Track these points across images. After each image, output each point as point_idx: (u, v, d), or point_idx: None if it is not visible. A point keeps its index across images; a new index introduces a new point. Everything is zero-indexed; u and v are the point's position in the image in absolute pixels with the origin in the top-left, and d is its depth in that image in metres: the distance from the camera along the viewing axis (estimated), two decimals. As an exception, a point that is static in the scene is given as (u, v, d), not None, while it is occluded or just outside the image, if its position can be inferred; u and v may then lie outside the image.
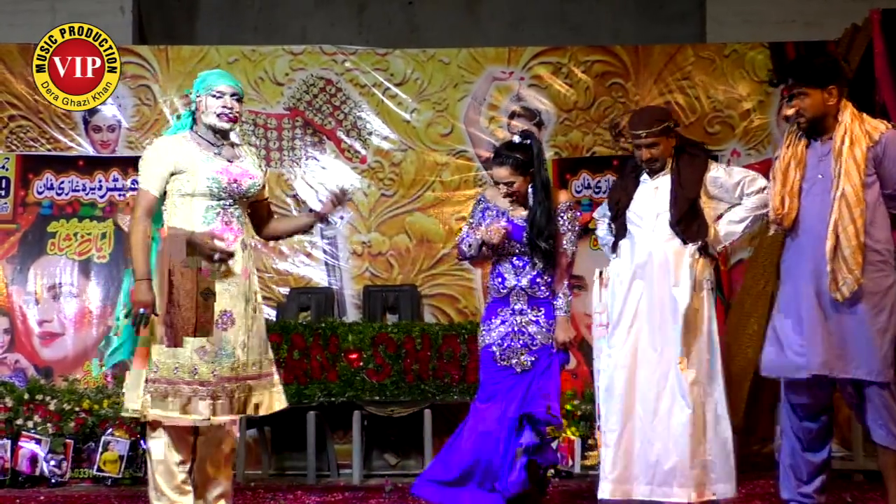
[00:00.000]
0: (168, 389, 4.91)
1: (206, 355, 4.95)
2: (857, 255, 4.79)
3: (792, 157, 5.03)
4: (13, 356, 8.22)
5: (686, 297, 5.22)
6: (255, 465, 7.88)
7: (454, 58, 8.74)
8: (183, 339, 4.93)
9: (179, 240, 4.90)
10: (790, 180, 5.00)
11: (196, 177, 5.02)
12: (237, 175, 5.10)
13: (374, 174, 8.63)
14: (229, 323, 5.01)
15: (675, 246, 5.28)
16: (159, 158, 5.06)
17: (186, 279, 4.94)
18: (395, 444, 7.99)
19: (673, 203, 5.30)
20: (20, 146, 8.52)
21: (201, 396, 4.93)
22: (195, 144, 5.11)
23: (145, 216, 4.99)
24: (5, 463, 7.33)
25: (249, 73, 8.58)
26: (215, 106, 5.12)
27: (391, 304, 8.32)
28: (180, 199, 5.04)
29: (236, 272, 5.06)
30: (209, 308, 4.97)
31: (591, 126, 8.67)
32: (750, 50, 8.69)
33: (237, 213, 5.12)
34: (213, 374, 4.94)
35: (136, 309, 4.86)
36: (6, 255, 8.37)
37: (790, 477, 5.13)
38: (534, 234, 5.46)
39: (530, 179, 5.54)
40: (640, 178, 5.47)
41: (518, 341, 5.48)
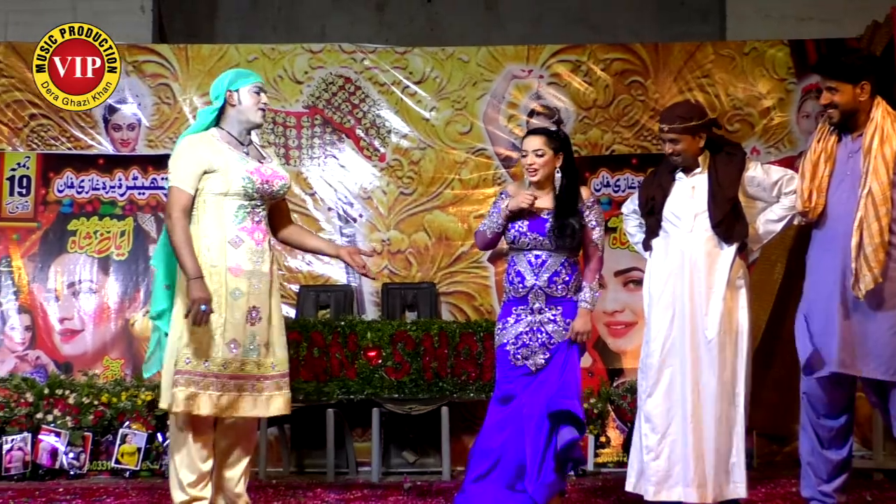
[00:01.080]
0: (198, 381, 4.94)
1: (238, 349, 4.99)
2: (879, 254, 4.77)
3: (822, 152, 5.02)
4: (34, 352, 8.26)
5: (722, 297, 5.22)
6: (276, 462, 7.89)
7: (473, 56, 8.74)
8: (213, 334, 4.98)
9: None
10: (819, 175, 5.00)
11: (230, 176, 5.06)
12: (269, 176, 5.16)
13: (393, 172, 8.64)
14: (257, 319, 5.06)
15: (711, 246, 5.28)
16: (192, 156, 5.09)
17: (215, 279, 5.00)
18: (414, 441, 7.98)
19: (712, 203, 5.29)
20: (41, 145, 8.55)
21: (230, 390, 4.97)
22: (226, 144, 5.14)
23: (183, 215, 5.02)
24: (26, 456, 7.39)
25: (269, 71, 8.60)
26: (256, 101, 5.20)
27: (410, 301, 8.33)
28: (212, 198, 5.08)
29: (264, 271, 5.10)
30: (239, 304, 5.01)
31: (610, 124, 8.65)
32: (770, 47, 8.66)
33: (263, 214, 5.18)
34: (241, 367, 4.99)
35: (196, 306, 4.88)
36: (27, 253, 8.41)
37: (810, 475, 5.11)
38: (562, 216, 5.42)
39: (559, 162, 5.51)
40: (675, 175, 5.45)
41: (535, 340, 5.43)
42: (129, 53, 8.63)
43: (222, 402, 4.98)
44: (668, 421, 5.27)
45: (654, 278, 5.44)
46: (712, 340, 5.20)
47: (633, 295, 8.28)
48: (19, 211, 8.46)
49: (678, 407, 5.26)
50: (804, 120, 8.54)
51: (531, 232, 5.44)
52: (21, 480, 7.30)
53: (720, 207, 5.27)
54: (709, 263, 5.27)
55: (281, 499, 6.40)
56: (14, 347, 8.27)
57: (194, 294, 4.89)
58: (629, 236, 5.80)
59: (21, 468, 7.37)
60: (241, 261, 5.05)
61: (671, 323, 5.30)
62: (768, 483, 6.64)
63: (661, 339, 5.31)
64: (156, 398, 7.49)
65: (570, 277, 5.46)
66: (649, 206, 5.46)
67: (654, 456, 5.26)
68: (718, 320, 5.20)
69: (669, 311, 5.30)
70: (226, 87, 5.21)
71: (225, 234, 5.06)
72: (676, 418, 5.26)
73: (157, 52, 8.71)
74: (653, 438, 5.28)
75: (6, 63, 8.57)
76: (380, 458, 7.57)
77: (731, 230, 5.28)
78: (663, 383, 5.28)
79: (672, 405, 5.27)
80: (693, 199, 5.34)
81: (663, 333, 5.31)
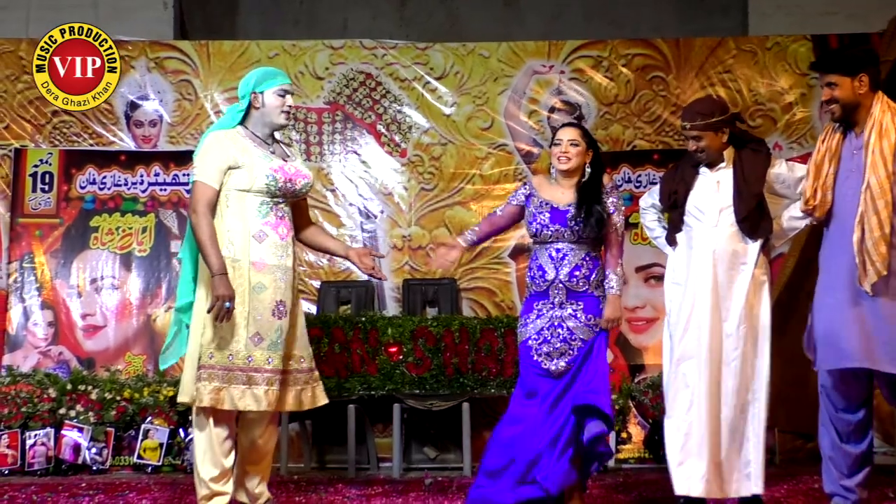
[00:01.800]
0: (222, 375, 4.97)
1: (262, 342, 5.02)
2: (881, 247, 4.80)
3: (826, 151, 5.06)
4: (57, 348, 8.29)
5: (745, 293, 5.22)
6: (297, 458, 7.90)
7: (494, 51, 8.73)
8: (237, 328, 5.00)
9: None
10: (823, 173, 5.03)
11: (253, 173, 5.11)
12: (292, 175, 5.20)
13: (414, 168, 8.64)
14: (284, 313, 5.10)
15: (736, 241, 5.28)
16: (218, 152, 5.14)
17: (238, 273, 5.03)
18: (435, 437, 7.98)
19: (738, 199, 5.28)
20: (63, 141, 8.59)
21: (257, 383, 5.01)
22: (250, 141, 5.18)
23: (207, 210, 5.07)
24: (49, 451, 7.42)
25: (290, 67, 8.60)
26: (281, 104, 5.23)
27: (430, 297, 8.33)
28: (235, 194, 5.13)
29: (288, 266, 5.14)
30: (262, 298, 5.04)
31: (631, 120, 8.63)
32: (792, 42, 8.63)
33: (287, 210, 5.22)
34: (268, 361, 5.02)
35: (219, 303, 4.94)
36: (50, 249, 8.45)
37: (832, 470, 5.10)
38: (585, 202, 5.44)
39: (589, 158, 5.54)
40: (698, 169, 5.44)
41: (556, 336, 5.42)
42: (150, 50, 8.66)
43: (247, 397, 5.01)
44: (692, 416, 5.26)
45: (677, 272, 5.43)
46: (732, 335, 5.20)
47: (654, 291, 8.26)
48: (42, 207, 8.49)
49: (700, 401, 5.24)
50: (827, 115, 8.46)
51: (553, 224, 5.44)
52: (44, 475, 7.34)
53: (746, 203, 5.26)
54: (732, 258, 5.26)
55: (302, 494, 6.41)
56: (37, 343, 8.31)
57: (218, 290, 4.94)
58: (648, 231, 5.79)
59: (44, 463, 7.41)
60: (265, 255, 5.09)
61: (696, 318, 5.28)
62: (791, 480, 6.62)
63: (686, 334, 5.29)
64: (178, 394, 7.53)
65: (591, 272, 5.45)
66: (672, 199, 5.46)
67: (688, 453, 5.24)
68: (740, 315, 5.20)
69: (696, 305, 5.28)
70: (251, 87, 5.25)
71: (249, 229, 5.10)
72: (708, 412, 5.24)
73: (178, 49, 8.74)
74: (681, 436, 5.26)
75: (29, 60, 8.59)
76: (401, 453, 7.58)
77: (756, 226, 5.28)
78: (691, 379, 5.26)
79: (693, 400, 5.26)
80: (718, 194, 5.33)
81: (692, 328, 5.29)
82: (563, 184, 5.54)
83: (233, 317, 4.99)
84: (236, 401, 5.00)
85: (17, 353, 8.25)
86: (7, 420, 7.47)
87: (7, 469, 7.37)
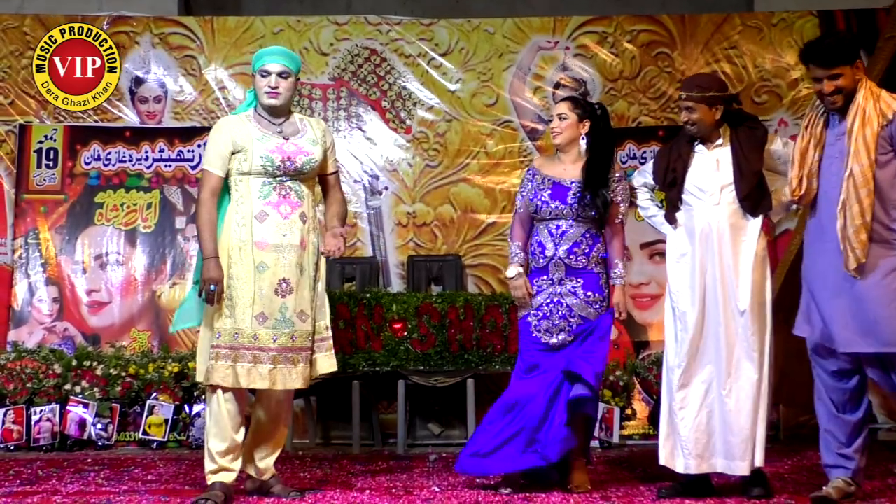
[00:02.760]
0: (230, 354, 5.05)
1: (267, 321, 5.08)
2: (861, 234, 4.84)
3: (811, 138, 5.07)
4: (62, 324, 8.31)
5: (751, 269, 5.23)
6: (302, 434, 7.92)
7: (499, 28, 8.71)
8: (242, 307, 5.09)
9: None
10: (808, 162, 5.05)
11: (250, 155, 5.21)
12: (291, 153, 5.24)
13: (419, 144, 8.63)
14: (287, 291, 5.14)
15: (737, 218, 5.29)
16: (221, 139, 5.27)
17: (244, 253, 5.13)
18: (439, 413, 8.00)
19: (739, 177, 5.28)
20: (68, 117, 8.58)
21: (262, 362, 5.08)
22: (255, 123, 5.30)
23: (210, 196, 5.20)
24: (54, 427, 7.45)
25: (294, 43, 8.59)
26: (263, 85, 5.30)
27: (435, 274, 8.34)
28: (239, 177, 5.25)
29: (293, 243, 5.17)
30: (266, 277, 5.09)
31: (636, 96, 8.62)
32: (798, 18, 8.60)
33: (295, 187, 5.27)
34: (273, 339, 5.09)
35: (206, 286, 5.08)
36: (55, 225, 8.46)
37: (829, 441, 5.11)
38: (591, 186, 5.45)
39: (584, 129, 5.56)
40: (694, 147, 5.44)
41: (556, 312, 5.47)
42: (155, 26, 8.65)
43: (254, 375, 5.09)
44: (702, 392, 5.27)
45: (679, 251, 5.43)
46: (745, 312, 5.21)
47: (658, 267, 8.26)
48: (47, 183, 8.50)
49: (713, 378, 5.26)
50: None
51: (553, 200, 5.47)
52: (50, 451, 7.36)
53: (747, 180, 5.27)
54: (735, 235, 5.27)
55: (307, 470, 6.43)
56: (42, 319, 8.32)
57: (206, 273, 5.09)
58: (642, 210, 5.77)
59: (50, 439, 7.43)
60: (267, 235, 5.16)
61: (703, 295, 5.28)
62: (794, 455, 6.63)
63: (694, 311, 5.30)
64: (183, 370, 7.57)
65: (590, 249, 5.49)
66: (670, 177, 5.44)
67: (692, 428, 5.26)
68: (750, 291, 5.21)
69: (700, 282, 5.29)
70: (253, 69, 5.36)
71: (251, 210, 5.18)
72: (711, 390, 5.26)
73: (183, 25, 8.72)
74: (689, 411, 5.28)
75: (33, 35, 8.59)
76: (405, 429, 7.60)
77: (757, 203, 5.29)
78: (696, 355, 5.27)
79: (706, 377, 5.27)
80: (719, 172, 5.33)
81: (697, 306, 5.29)
82: (564, 159, 5.60)
83: (239, 297, 5.09)
84: (241, 378, 5.08)
85: (22, 329, 8.27)
86: (13, 396, 7.49)
87: (13, 444, 7.40)
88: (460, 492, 5.50)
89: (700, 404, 5.27)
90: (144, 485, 5.82)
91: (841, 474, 5.06)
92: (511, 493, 5.37)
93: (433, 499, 5.32)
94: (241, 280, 5.12)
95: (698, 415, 5.27)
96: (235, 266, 5.14)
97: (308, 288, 5.25)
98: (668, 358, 5.40)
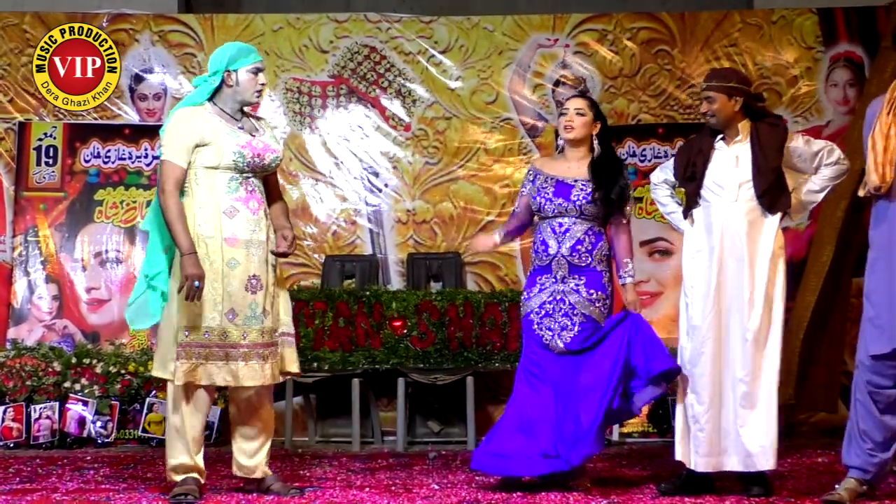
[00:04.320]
0: (200, 353, 5.02)
1: (236, 318, 5.05)
2: None
3: (893, 124, 4.90)
4: (61, 322, 8.31)
5: (766, 267, 5.22)
6: (301, 431, 7.93)
7: (499, 25, 8.70)
8: (211, 304, 5.04)
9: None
10: (892, 147, 4.87)
11: (221, 150, 5.12)
12: (260, 150, 5.21)
13: (419, 142, 8.62)
14: (258, 287, 5.12)
15: (755, 215, 5.27)
16: (186, 130, 5.13)
17: (212, 249, 5.06)
18: (439, 411, 8.00)
19: (757, 173, 5.26)
20: (67, 115, 8.57)
21: (233, 359, 5.04)
22: (218, 117, 5.19)
23: (175, 189, 5.07)
24: (54, 424, 7.45)
25: (294, 40, 8.60)
26: (254, 83, 5.22)
27: (435, 271, 8.33)
28: (204, 171, 5.13)
29: (261, 240, 5.15)
30: (236, 274, 5.06)
31: (636, 94, 8.61)
32: (798, 16, 8.59)
33: (257, 184, 5.24)
34: (243, 336, 5.05)
35: (189, 283, 4.94)
36: (55, 222, 8.45)
37: (861, 442, 4.95)
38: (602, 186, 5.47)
39: (596, 129, 5.58)
40: (715, 143, 5.43)
41: (558, 310, 5.47)
42: (154, 23, 8.64)
43: (224, 373, 5.05)
44: (713, 390, 5.26)
45: (694, 247, 5.41)
46: (759, 310, 5.20)
47: (658, 265, 8.27)
48: (46, 181, 8.49)
49: (724, 376, 5.25)
50: (832, 89, 8.49)
51: (556, 198, 5.47)
52: (49, 448, 7.37)
53: (765, 177, 5.25)
54: (751, 233, 5.25)
55: (306, 468, 6.43)
56: (41, 317, 8.32)
57: (187, 270, 4.95)
58: (660, 206, 5.77)
59: (49, 436, 7.43)
60: (238, 230, 5.10)
61: (717, 292, 5.28)
62: (794, 453, 6.63)
63: (707, 308, 5.29)
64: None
65: (593, 246, 5.48)
66: (690, 172, 5.42)
67: (701, 427, 5.25)
68: (765, 290, 5.20)
69: (714, 279, 5.28)
70: (224, 65, 5.21)
71: (219, 205, 5.10)
72: (724, 387, 5.25)
73: (182, 22, 8.71)
74: (699, 408, 5.27)
75: (32, 33, 8.59)
76: (405, 427, 7.60)
77: (775, 200, 5.27)
78: (708, 353, 5.27)
79: (718, 374, 5.26)
80: (738, 169, 5.31)
81: (710, 302, 5.29)
82: (570, 157, 5.59)
83: (208, 294, 5.01)
84: (213, 377, 5.04)
85: (21, 327, 8.27)
86: (12, 393, 7.49)
87: (12, 442, 7.40)
88: (460, 489, 5.50)
89: (710, 401, 5.26)
90: (144, 482, 5.82)
91: (858, 475, 4.98)
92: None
93: (433, 496, 5.32)
94: (209, 277, 5.02)
95: (709, 412, 5.26)
96: (202, 262, 5.03)
97: (271, 284, 5.22)
98: (681, 354, 5.40)
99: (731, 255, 5.26)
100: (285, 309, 5.32)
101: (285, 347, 5.28)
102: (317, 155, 8.55)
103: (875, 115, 4.98)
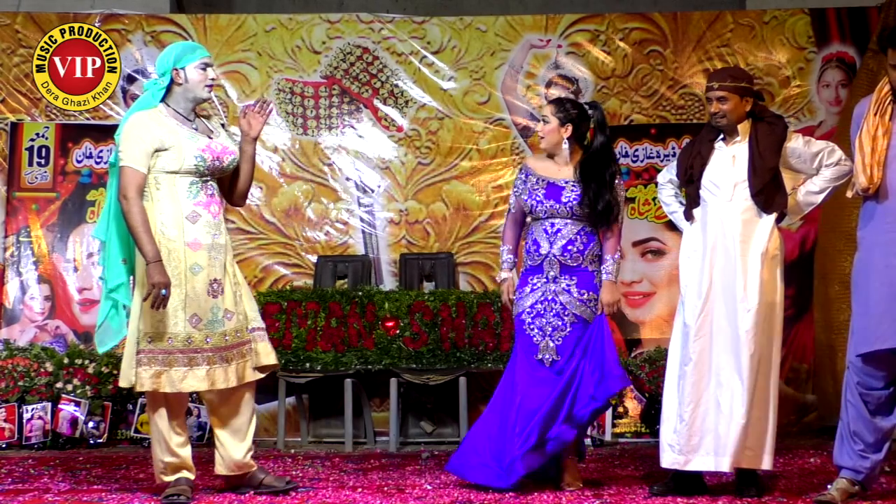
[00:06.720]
0: (163, 359, 5.01)
1: (200, 323, 5.05)
2: None
3: (880, 125, 4.92)
4: (54, 322, 8.30)
5: (760, 268, 5.21)
6: (294, 432, 7.93)
7: (491, 26, 8.70)
8: (175, 310, 5.03)
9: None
10: (878, 148, 4.89)
11: (182, 154, 5.09)
12: (219, 152, 5.21)
13: (411, 142, 8.62)
14: (220, 291, 5.12)
15: (750, 215, 5.27)
16: (144, 135, 5.08)
17: (173, 255, 5.05)
18: (431, 411, 8.00)
19: (752, 173, 5.26)
20: (59, 115, 8.56)
21: (198, 364, 5.02)
22: (174, 120, 5.17)
23: (138, 196, 5.03)
24: (46, 425, 7.45)
25: (286, 41, 8.59)
26: (203, 78, 5.19)
27: (427, 272, 8.33)
28: (164, 177, 5.10)
29: (221, 243, 5.15)
30: (199, 278, 5.06)
31: (628, 94, 8.61)
32: (790, 16, 8.60)
33: (215, 186, 5.24)
34: (206, 340, 5.04)
35: (156, 291, 4.91)
36: (47, 223, 8.44)
37: (852, 443, 4.97)
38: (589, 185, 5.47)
39: (566, 132, 5.54)
40: (715, 143, 5.43)
41: (549, 310, 5.48)
42: (147, 23, 8.63)
43: (189, 378, 5.03)
44: (700, 390, 5.26)
45: (691, 246, 5.41)
46: (751, 311, 5.18)
47: (650, 265, 8.28)
48: (38, 181, 8.48)
49: (712, 376, 5.25)
50: (824, 89, 8.50)
51: (547, 200, 5.48)
52: (41, 449, 7.36)
53: (760, 177, 5.25)
54: (746, 233, 5.24)
55: (299, 468, 6.43)
56: (34, 317, 8.31)
57: (154, 278, 4.92)
58: (664, 206, 5.79)
59: (41, 437, 7.43)
60: (200, 235, 5.10)
61: (709, 292, 5.28)
62: (786, 454, 6.64)
63: (699, 308, 5.29)
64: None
65: (584, 247, 5.49)
66: (688, 174, 5.44)
67: (687, 425, 5.25)
68: (758, 290, 5.19)
69: (707, 279, 5.28)
70: (171, 64, 5.18)
71: (181, 210, 5.09)
72: (710, 388, 5.25)
73: (175, 23, 8.70)
74: (685, 408, 5.27)
75: (25, 33, 8.58)
76: (397, 427, 7.60)
77: (770, 200, 5.27)
78: (698, 353, 5.26)
79: (705, 375, 5.26)
80: (734, 168, 5.31)
81: (701, 302, 5.29)
82: (557, 160, 5.63)
83: (172, 300, 4.99)
84: (178, 383, 5.01)
85: (13, 328, 8.26)
86: (4, 394, 7.49)
87: (4, 443, 7.40)
88: (452, 490, 5.51)
89: (698, 401, 5.26)
90: (136, 483, 5.82)
91: (850, 475, 5.00)
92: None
93: (425, 497, 5.33)
94: (172, 283, 4.99)
95: (695, 411, 5.25)
96: (167, 266, 5.00)
97: (230, 285, 5.20)
98: (672, 353, 5.40)
99: (723, 255, 5.27)
100: (250, 305, 5.31)
101: (258, 342, 5.26)
102: (309, 156, 8.55)
103: (862, 116, 5.00)
